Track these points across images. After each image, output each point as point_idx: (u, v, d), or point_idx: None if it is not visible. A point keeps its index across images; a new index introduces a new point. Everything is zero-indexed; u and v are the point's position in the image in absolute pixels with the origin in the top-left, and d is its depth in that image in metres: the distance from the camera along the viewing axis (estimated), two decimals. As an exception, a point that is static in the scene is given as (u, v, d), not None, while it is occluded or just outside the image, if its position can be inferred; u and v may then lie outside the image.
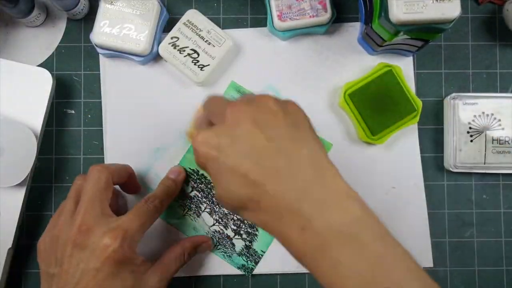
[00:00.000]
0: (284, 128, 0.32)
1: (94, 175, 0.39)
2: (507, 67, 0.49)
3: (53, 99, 0.48)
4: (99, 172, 0.40)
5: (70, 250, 0.37)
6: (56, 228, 0.39)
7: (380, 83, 0.46)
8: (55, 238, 0.39)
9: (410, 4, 0.38)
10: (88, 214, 0.38)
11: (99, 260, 0.36)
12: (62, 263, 0.37)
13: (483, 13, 0.49)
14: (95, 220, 0.38)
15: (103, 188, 0.39)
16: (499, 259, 0.48)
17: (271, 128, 0.31)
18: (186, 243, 0.44)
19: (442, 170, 0.48)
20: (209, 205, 0.47)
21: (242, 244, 0.47)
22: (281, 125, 0.32)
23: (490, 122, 0.46)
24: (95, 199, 0.39)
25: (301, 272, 0.47)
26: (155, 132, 0.48)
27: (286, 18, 0.45)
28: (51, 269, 0.38)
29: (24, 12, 0.45)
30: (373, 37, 0.44)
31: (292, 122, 0.32)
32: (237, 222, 0.47)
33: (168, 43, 0.45)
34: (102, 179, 0.39)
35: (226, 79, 0.48)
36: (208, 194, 0.47)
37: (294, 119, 0.33)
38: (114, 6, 0.45)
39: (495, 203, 0.48)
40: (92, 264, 0.36)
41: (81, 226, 0.37)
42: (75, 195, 0.40)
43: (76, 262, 0.37)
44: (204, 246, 0.45)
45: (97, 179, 0.39)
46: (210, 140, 0.32)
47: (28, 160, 0.44)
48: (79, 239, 0.37)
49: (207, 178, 0.47)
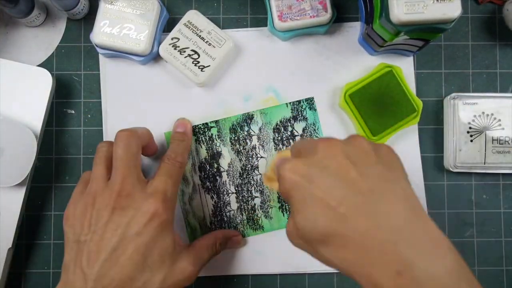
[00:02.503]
0: (376, 167, 0.30)
1: (124, 140, 0.39)
2: (507, 67, 0.49)
3: (53, 99, 0.48)
4: (128, 137, 0.39)
5: (108, 216, 0.36)
6: (89, 195, 0.38)
7: (381, 83, 0.46)
8: (89, 205, 0.38)
9: (410, 5, 0.38)
10: (126, 180, 0.37)
11: (140, 225, 0.36)
12: (96, 229, 0.36)
13: (483, 13, 0.49)
14: (134, 186, 0.38)
15: (136, 153, 0.39)
16: (499, 259, 0.48)
17: (364, 165, 0.30)
18: (218, 234, 0.44)
19: (442, 170, 0.48)
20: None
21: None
22: (374, 163, 0.30)
23: (490, 122, 0.46)
24: (130, 164, 0.38)
25: (301, 273, 0.47)
26: (155, 132, 0.47)
27: (287, 18, 0.45)
28: (82, 236, 0.37)
29: (24, 12, 0.45)
30: (374, 38, 0.44)
31: (385, 163, 0.31)
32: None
33: (168, 44, 0.45)
34: (133, 144, 0.39)
35: (227, 80, 0.48)
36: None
37: (387, 160, 0.31)
38: (114, 6, 0.45)
39: (495, 203, 0.48)
40: (133, 229, 0.36)
41: (121, 191, 0.37)
42: (104, 161, 0.40)
43: (114, 227, 0.36)
44: (235, 240, 0.46)
45: (128, 144, 0.39)
46: (299, 169, 0.30)
47: (28, 160, 0.44)
48: (120, 204, 0.37)
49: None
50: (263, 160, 0.47)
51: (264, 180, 0.39)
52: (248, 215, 0.47)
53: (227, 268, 0.47)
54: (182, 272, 0.39)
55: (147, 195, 0.38)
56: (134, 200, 0.37)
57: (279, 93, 0.48)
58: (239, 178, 0.47)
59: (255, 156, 0.47)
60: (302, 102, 0.47)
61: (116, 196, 0.37)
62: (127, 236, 0.36)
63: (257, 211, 0.47)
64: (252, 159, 0.47)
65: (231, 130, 0.47)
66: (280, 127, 0.47)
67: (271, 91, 0.48)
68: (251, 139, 0.47)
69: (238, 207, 0.47)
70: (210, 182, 0.47)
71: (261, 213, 0.47)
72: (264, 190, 0.47)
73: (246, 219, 0.47)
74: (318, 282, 0.47)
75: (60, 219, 0.47)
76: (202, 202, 0.47)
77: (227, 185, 0.47)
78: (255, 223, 0.47)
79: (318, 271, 0.47)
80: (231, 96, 0.48)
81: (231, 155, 0.47)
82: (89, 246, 0.36)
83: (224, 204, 0.47)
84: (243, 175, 0.47)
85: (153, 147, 0.45)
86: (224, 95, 0.48)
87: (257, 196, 0.47)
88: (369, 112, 0.45)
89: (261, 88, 0.48)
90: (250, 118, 0.47)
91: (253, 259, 0.47)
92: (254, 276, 0.48)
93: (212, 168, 0.47)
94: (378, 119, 0.45)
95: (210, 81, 0.47)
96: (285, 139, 0.47)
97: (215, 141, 0.47)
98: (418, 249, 0.27)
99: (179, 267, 0.39)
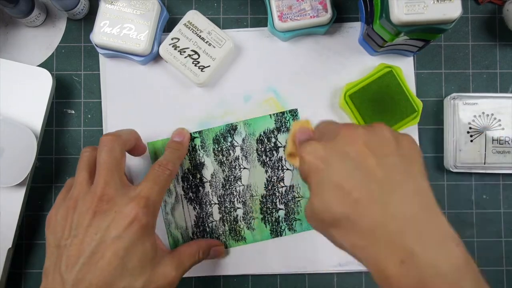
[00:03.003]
0: (395, 158, 0.31)
1: (108, 145, 0.39)
2: (507, 67, 0.49)
3: (53, 99, 0.48)
4: (112, 141, 0.39)
5: (88, 220, 0.36)
6: (71, 199, 0.38)
7: (381, 84, 0.46)
8: (70, 209, 0.37)
9: (411, 5, 0.38)
10: (109, 184, 0.37)
11: (120, 228, 0.36)
12: (77, 233, 0.36)
13: (483, 13, 0.49)
14: (116, 190, 0.37)
15: (119, 157, 0.39)
16: (499, 259, 0.48)
17: (383, 155, 0.31)
18: (201, 242, 0.44)
19: (442, 170, 0.48)
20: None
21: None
22: (394, 154, 0.31)
23: (490, 122, 0.46)
24: (113, 169, 0.38)
25: (301, 273, 0.47)
26: (155, 132, 0.48)
27: (287, 18, 0.45)
28: (62, 241, 0.36)
29: (24, 12, 0.45)
30: (374, 38, 0.44)
31: (405, 155, 0.31)
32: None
33: (168, 44, 0.45)
34: (116, 148, 0.39)
35: (227, 80, 0.48)
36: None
37: (408, 152, 0.32)
38: (114, 6, 0.45)
39: (495, 203, 0.48)
40: (112, 233, 0.36)
41: (102, 196, 0.37)
42: (87, 166, 0.39)
43: (94, 231, 0.36)
44: (217, 250, 0.46)
45: (111, 148, 0.39)
46: (319, 152, 0.31)
47: (28, 160, 0.44)
48: (101, 209, 0.36)
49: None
50: (246, 171, 0.47)
51: (286, 155, 0.39)
52: (230, 226, 0.47)
53: (227, 268, 0.47)
54: (165, 277, 0.39)
55: (129, 199, 0.37)
56: (115, 204, 0.37)
57: (279, 93, 0.48)
58: (221, 189, 0.47)
59: (238, 167, 0.47)
60: (286, 114, 0.47)
61: (97, 200, 0.37)
62: (106, 239, 0.36)
63: (240, 222, 0.47)
64: (235, 170, 0.47)
65: (215, 141, 0.47)
66: (264, 138, 0.47)
67: (271, 91, 0.48)
68: (234, 150, 0.47)
69: (221, 218, 0.47)
70: (193, 193, 0.47)
71: (243, 224, 0.47)
72: (246, 202, 0.47)
73: (229, 230, 0.47)
74: (318, 282, 0.48)
75: (60, 219, 0.47)
76: (184, 213, 0.47)
77: (210, 196, 0.47)
78: (237, 234, 0.47)
79: (318, 271, 0.47)
80: (231, 96, 0.48)
81: (214, 165, 0.47)
82: (68, 251, 0.36)
83: (207, 215, 0.47)
84: (225, 186, 0.47)
85: (141, 148, 0.45)
86: (224, 95, 0.48)
87: (239, 207, 0.47)
88: (369, 112, 0.45)
89: (261, 88, 0.48)
90: (234, 129, 0.47)
91: (253, 259, 0.47)
92: (254, 276, 0.48)
93: (195, 179, 0.47)
94: (378, 119, 0.45)
95: (210, 81, 0.47)
96: (268, 150, 0.47)
97: (198, 151, 0.47)
98: (425, 241, 0.28)
99: (162, 272, 0.38)
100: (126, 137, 0.41)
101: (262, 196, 0.47)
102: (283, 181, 0.47)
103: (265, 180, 0.47)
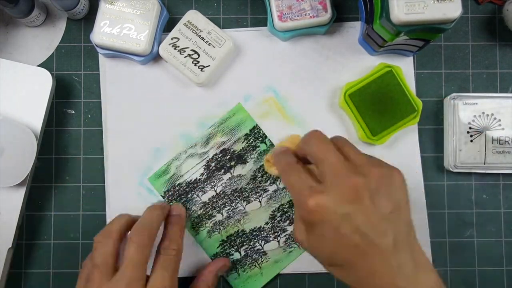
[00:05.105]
0: (387, 205, 0.33)
1: (139, 241, 0.38)
2: (507, 67, 0.49)
3: (53, 99, 0.48)
4: (144, 236, 0.39)
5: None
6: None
7: (381, 83, 0.46)
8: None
9: (411, 5, 0.38)
10: (132, 285, 0.37)
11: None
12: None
13: (483, 13, 0.49)
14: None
15: (147, 255, 0.39)
16: (499, 259, 0.48)
17: (378, 201, 0.32)
18: (208, 277, 0.44)
19: (442, 170, 0.48)
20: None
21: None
22: (386, 201, 0.33)
23: (490, 122, 0.46)
24: (141, 268, 0.38)
25: (301, 272, 0.47)
26: (155, 132, 0.48)
27: (287, 18, 0.45)
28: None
29: (24, 12, 0.45)
30: (374, 38, 0.44)
31: (394, 201, 0.33)
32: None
33: (168, 44, 0.45)
34: (147, 243, 0.39)
35: (227, 80, 0.48)
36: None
37: (393, 195, 0.33)
38: (114, 6, 0.45)
39: (495, 203, 0.48)
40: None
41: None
42: (111, 262, 0.39)
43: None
44: (223, 268, 0.46)
45: (142, 243, 0.38)
46: (327, 207, 0.32)
47: (28, 160, 0.44)
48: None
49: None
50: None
51: (264, 162, 0.40)
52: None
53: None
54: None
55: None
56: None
57: (278, 93, 0.48)
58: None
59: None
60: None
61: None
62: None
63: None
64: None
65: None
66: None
67: (271, 91, 0.48)
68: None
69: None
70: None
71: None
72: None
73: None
74: (318, 282, 0.48)
75: (60, 219, 0.48)
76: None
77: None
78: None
79: (318, 271, 0.47)
80: (231, 96, 0.48)
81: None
82: None
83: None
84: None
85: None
86: (224, 95, 0.48)
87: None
88: (369, 112, 0.45)
89: (261, 88, 0.48)
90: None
91: (253, 259, 0.47)
92: (254, 276, 0.48)
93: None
94: (378, 119, 0.45)
95: (210, 81, 0.47)
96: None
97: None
98: (413, 281, 0.32)
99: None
100: (157, 225, 0.41)
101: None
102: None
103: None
